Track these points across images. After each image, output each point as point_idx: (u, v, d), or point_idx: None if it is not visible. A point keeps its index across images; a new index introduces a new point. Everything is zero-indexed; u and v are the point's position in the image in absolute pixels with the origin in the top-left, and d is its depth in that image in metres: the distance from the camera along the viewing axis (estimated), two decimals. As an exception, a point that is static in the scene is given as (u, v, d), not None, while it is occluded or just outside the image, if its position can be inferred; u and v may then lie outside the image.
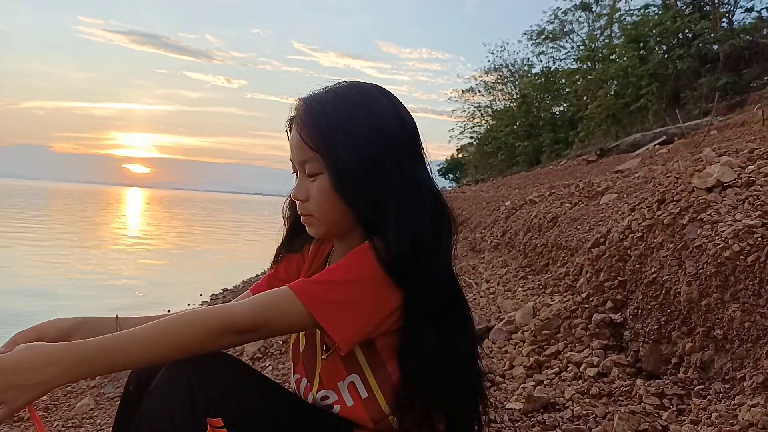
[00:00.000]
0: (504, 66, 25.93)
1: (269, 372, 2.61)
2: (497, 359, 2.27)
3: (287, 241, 1.22)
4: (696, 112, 11.59)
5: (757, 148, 2.45)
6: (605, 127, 15.81)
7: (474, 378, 1.07)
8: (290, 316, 0.92)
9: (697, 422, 1.44)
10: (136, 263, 10.64)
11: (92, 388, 2.79)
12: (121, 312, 1.17)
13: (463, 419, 1.07)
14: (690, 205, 1.98)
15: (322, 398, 1.06)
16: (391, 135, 0.99)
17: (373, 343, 1.00)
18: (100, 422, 2.30)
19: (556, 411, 1.71)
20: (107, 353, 0.83)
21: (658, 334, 1.87)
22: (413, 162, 1.02)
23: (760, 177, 1.98)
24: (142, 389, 0.94)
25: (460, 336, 1.03)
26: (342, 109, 0.99)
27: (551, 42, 22.78)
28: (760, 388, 1.40)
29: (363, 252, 0.96)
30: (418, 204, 0.97)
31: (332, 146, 0.97)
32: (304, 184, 1.03)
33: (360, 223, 1.01)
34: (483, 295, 3.46)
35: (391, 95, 1.05)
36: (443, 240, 1.01)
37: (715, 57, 13.23)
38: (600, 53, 18.54)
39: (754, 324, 1.51)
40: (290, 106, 1.06)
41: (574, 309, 2.30)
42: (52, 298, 6.70)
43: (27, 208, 26.80)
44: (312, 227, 1.07)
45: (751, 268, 1.56)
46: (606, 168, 7.80)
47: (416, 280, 0.95)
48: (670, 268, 1.89)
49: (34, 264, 9.25)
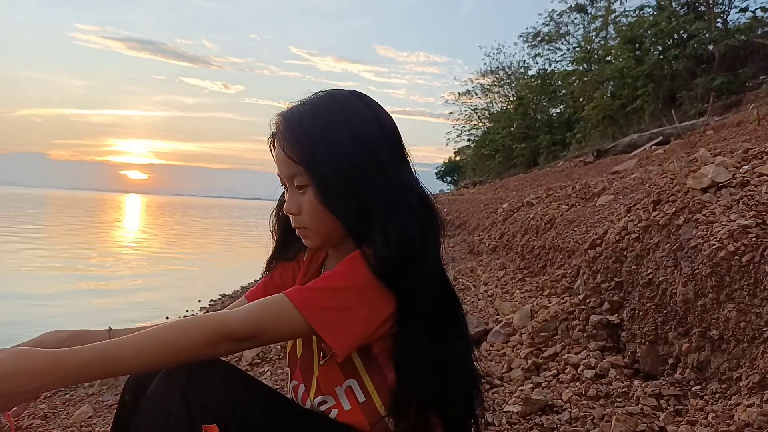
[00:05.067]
0: (500, 68, 26.05)
1: (267, 377, 2.61)
2: (495, 362, 2.27)
3: (278, 252, 1.22)
4: (692, 113, 11.62)
5: (752, 148, 2.46)
6: (602, 129, 15.85)
7: (469, 380, 1.07)
8: (286, 323, 0.92)
9: (693, 423, 1.44)
10: (134, 270, 10.63)
11: (90, 396, 2.79)
12: (118, 318, 1.17)
13: (459, 421, 1.07)
14: (685, 205, 1.99)
15: (319, 404, 1.06)
16: (372, 141, 0.99)
17: (370, 348, 1.00)
18: (99, 430, 2.29)
19: (554, 413, 1.71)
20: (102, 360, 0.82)
21: (655, 335, 1.88)
22: (396, 165, 1.01)
23: (755, 177, 1.99)
24: (138, 397, 0.94)
25: (454, 337, 1.04)
26: (320, 120, 0.99)
27: (547, 44, 22.87)
28: (757, 387, 1.41)
29: (354, 259, 0.96)
30: (404, 207, 0.97)
31: (313, 159, 0.97)
32: (295, 197, 1.03)
33: (348, 232, 1.01)
34: (481, 298, 3.46)
35: (369, 99, 1.05)
36: (431, 241, 1.00)
37: (711, 57, 13.28)
38: (596, 55, 18.59)
39: (750, 324, 1.52)
40: (269, 122, 1.06)
41: (572, 311, 2.30)
42: (47, 306, 6.67)
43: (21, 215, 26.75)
44: (308, 239, 1.07)
45: (746, 268, 1.57)
46: (603, 169, 7.82)
47: (408, 284, 0.95)
48: (666, 269, 1.90)
49: (29, 271, 9.23)
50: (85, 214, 33.53)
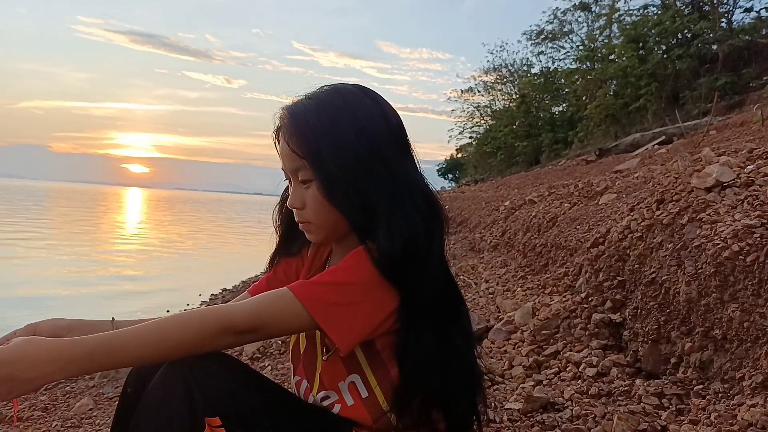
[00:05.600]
0: (503, 66, 25.98)
1: (268, 372, 2.61)
2: (496, 359, 2.27)
3: (281, 247, 1.22)
4: (695, 112, 11.60)
5: (756, 148, 2.45)
6: (604, 127, 15.82)
7: (472, 376, 1.07)
8: (290, 317, 0.92)
9: (696, 422, 1.44)
10: (135, 263, 10.64)
11: (91, 389, 2.79)
12: (119, 313, 1.17)
13: (461, 417, 1.07)
14: (689, 205, 1.98)
15: (322, 399, 1.06)
16: (377, 136, 0.99)
17: (374, 343, 1.00)
18: (99, 422, 2.29)
19: (556, 411, 1.71)
20: (105, 350, 0.83)
21: (658, 334, 1.87)
22: (401, 161, 1.01)
23: (759, 177, 1.98)
24: (140, 390, 0.94)
25: (457, 334, 1.03)
26: (325, 115, 0.98)
27: (550, 42, 22.80)
28: (760, 387, 1.40)
29: (358, 255, 0.95)
30: (408, 203, 0.97)
31: (318, 154, 0.96)
32: (299, 192, 1.03)
33: (352, 227, 1.01)
34: (482, 295, 3.46)
35: (375, 94, 1.04)
36: (435, 237, 1.00)
37: (714, 57, 13.25)
38: (599, 53, 18.54)
39: (754, 324, 1.51)
40: (274, 116, 1.05)
41: (573, 309, 2.29)
42: (48, 298, 6.69)
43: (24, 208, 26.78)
44: (311, 234, 1.06)
45: (750, 268, 1.56)
46: (605, 168, 7.80)
47: (411, 280, 0.95)
48: (669, 268, 1.89)
49: (30, 264, 9.24)
50: (87, 207, 33.55)
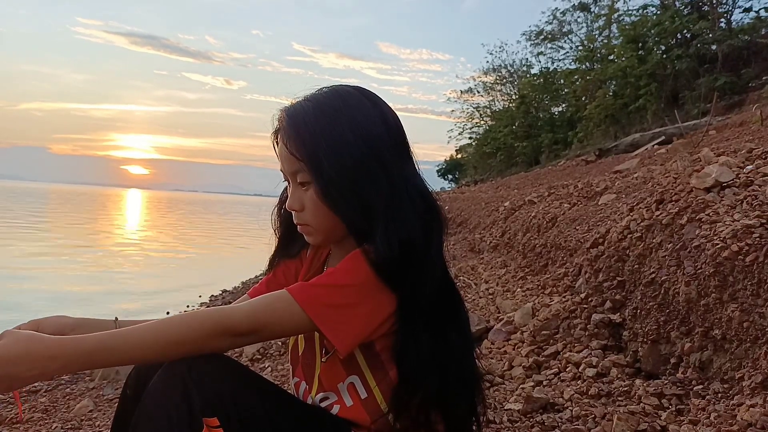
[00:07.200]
0: (503, 66, 26.03)
1: (268, 373, 2.61)
2: (496, 360, 2.27)
3: (280, 250, 1.22)
4: (695, 112, 11.61)
5: (756, 148, 2.45)
6: (604, 128, 15.83)
7: (470, 377, 1.07)
8: (288, 319, 0.92)
9: (696, 422, 1.44)
10: (135, 265, 10.63)
11: (91, 390, 2.79)
12: (119, 313, 1.17)
13: (460, 418, 1.07)
14: (688, 205, 1.98)
15: (321, 400, 1.06)
16: (376, 139, 0.98)
17: (373, 344, 1.00)
18: (99, 424, 2.29)
19: (555, 411, 1.71)
20: (104, 349, 0.83)
21: (657, 335, 1.87)
22: (400, 163, 1.00)
23: (759, 177, 1.98)
24: (139, 392, 0.94)
25: (456, 335, 1.03)
26: (323, 117, 0.98)
27: (550, 42, 22.83)
28: (759, 387, 1.40)
29: (357, 257, 0.95)
30: (406, 206, 0.96)
31: (316, 157, 0.96)
32: (298, 194, 1.03)
33: (350, 230, 1.00)
34: (482, 296, 3.46)
35: (374, 96, 1.04)
36: (434, 240, 1.00)
37: (714, 57, 13.25)
38: (598, 53, 18.57)
39: (753, 324, 1.51)
40: (272, 118, 1.05)
41: (573, 309, 2.29)
42: (48, 298, 6.68)
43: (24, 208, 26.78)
44: (310, 236, 1.06)
45: (749, 268, 1.56)
46: (605, 168, 7.80)
47: (409, 282, 0.95)
48: (668, 268, 1.90)
49: (29, 266, 9.24)
50: (88, 209, 33.55)
